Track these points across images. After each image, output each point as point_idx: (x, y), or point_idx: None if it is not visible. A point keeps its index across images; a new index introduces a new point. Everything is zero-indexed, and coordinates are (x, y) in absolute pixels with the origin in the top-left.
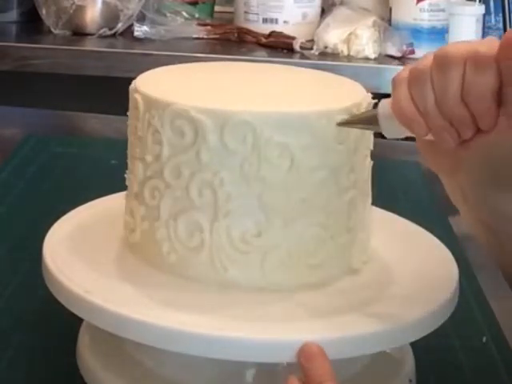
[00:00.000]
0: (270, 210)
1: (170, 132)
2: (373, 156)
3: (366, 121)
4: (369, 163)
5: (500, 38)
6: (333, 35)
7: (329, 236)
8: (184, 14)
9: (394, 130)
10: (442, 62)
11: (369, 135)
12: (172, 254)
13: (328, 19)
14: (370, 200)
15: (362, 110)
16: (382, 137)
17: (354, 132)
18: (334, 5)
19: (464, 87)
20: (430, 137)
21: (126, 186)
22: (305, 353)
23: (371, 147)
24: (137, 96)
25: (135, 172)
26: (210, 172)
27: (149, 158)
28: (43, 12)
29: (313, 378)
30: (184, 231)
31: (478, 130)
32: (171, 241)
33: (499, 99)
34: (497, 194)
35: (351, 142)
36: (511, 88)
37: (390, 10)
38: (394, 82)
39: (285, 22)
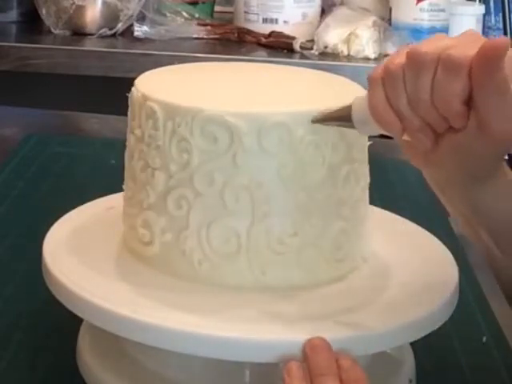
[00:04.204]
0: (306, 209)
1: (200, 139)
2: (373, 156)
3: (340, 118)
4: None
5: (498, 37)
6: (333, 35)
7: (351, 228)
8: (184, 13)
9: (368, 129)
10: (414, 64)
11: None
12: (204, 263)
13: (328, 19)
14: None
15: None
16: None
17: None
18: (334, 5)
19: (434, 90)
20: (405, 137)
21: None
22: (311, 344)
23: None
24: (152, 104)
25: (153, 183)
26: (247, 176)
27: (173, 167)
28: (43, 12)
29: (315, 369)
30: (218, 238)
31: (449, 128)
32: (203, 249)
33: (469, 101)
34: (468, 189)
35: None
36: (480, 93)
37: (390, 10)
38: (370, 79)
39: (285, 22)
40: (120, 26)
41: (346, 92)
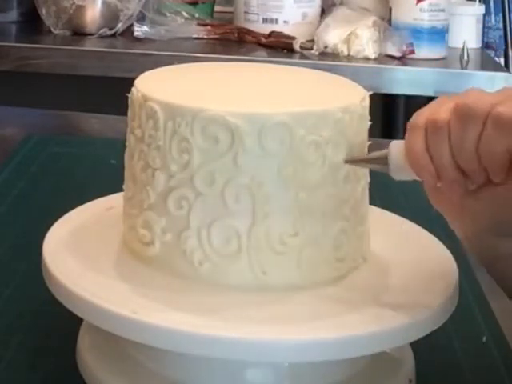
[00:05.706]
0: (307, 209)
1: (200, 139)
2: None
3: (375, 161)
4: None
5: (500, 38)
6: (333, 35)
7: (351, 228)
8: (184, 13)
9: (402, 173)
10: (461, 117)
11: (365, 126)
12: (205, 263)
13: (328, 19)
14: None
15: (359, 111)
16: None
17: None
18: (334, 5)
19: (481, 143)
20: (439, 185)
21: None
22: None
23: None
24: (152, 104)
25: (153, 183)
26: (248, 176)
27: (174, 167)
28: (43, 12)
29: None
30: (219, 239)
31: (488, 181)
32: (204, 250)
33: None
34: (499, 240)
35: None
36: None
37: (390, 9)
38: (410, 127)
39: (285, 22)
40: (120, 26)
41: (345, 92)
